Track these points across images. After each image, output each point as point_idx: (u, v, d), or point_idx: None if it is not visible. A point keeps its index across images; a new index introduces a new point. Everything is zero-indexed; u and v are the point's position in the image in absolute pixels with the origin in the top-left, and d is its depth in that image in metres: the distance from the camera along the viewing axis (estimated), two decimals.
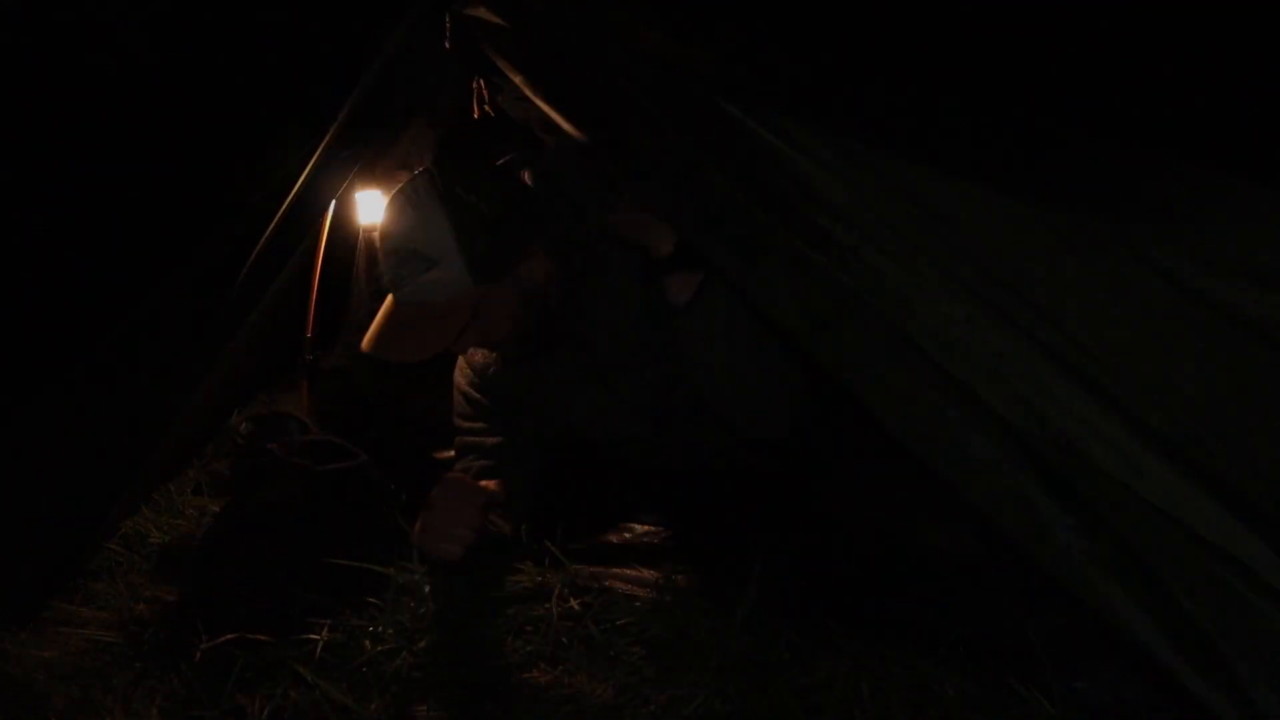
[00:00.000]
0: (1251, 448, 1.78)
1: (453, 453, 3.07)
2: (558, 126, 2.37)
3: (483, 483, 2.74)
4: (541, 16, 2.65)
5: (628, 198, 2.47)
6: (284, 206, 2.82)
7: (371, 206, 3.58)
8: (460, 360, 3.03)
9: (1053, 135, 2.22)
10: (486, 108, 3.58)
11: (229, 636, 2.44)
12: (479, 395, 3.00)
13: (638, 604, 2.47)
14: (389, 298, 2.56)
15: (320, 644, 2.45)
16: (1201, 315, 1.84)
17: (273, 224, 2.81)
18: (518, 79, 2.56)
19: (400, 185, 2.54)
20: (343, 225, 3.76)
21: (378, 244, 2.58)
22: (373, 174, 3.42)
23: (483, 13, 2.73)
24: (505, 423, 2.99)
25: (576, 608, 2.49)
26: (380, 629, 2.51)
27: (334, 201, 3.24)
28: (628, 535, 2.91)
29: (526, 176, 2.67)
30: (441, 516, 2.52)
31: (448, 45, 2.91)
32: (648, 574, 2.62)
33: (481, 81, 3.54)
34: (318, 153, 2.83)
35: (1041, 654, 2.03)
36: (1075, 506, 1.74)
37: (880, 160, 2.03)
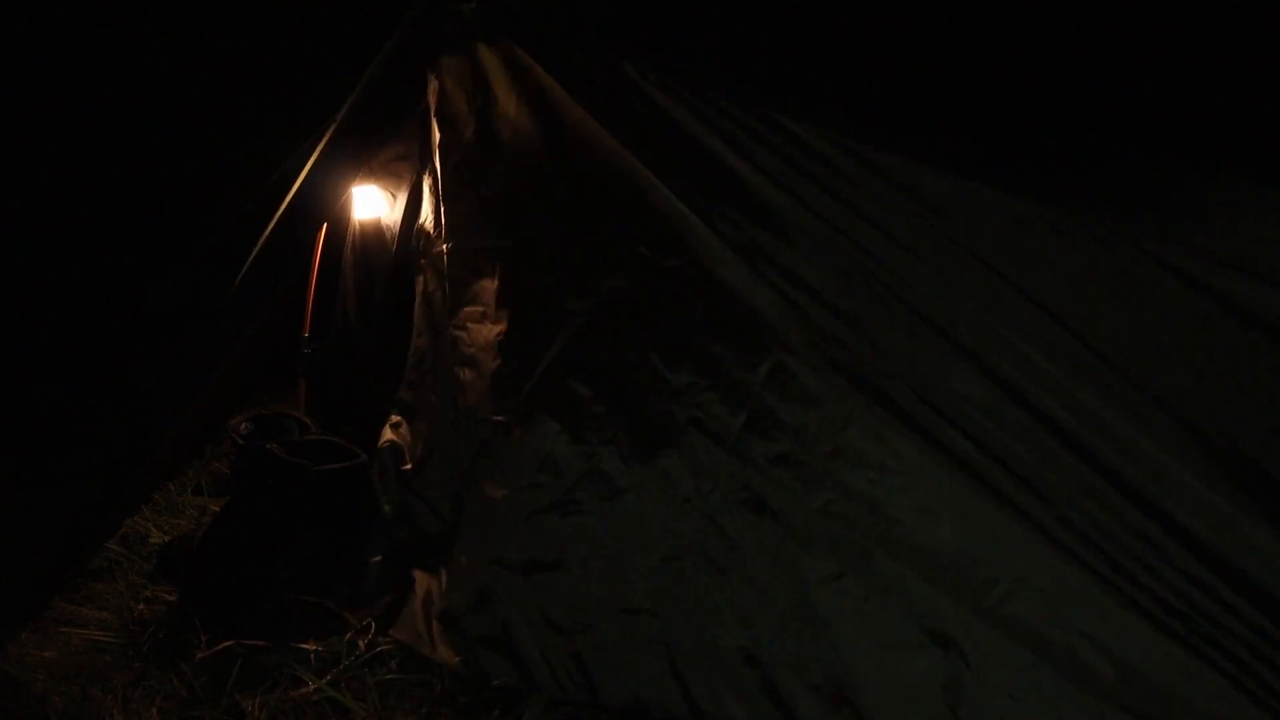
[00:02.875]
0: (1255, 440, 1.79)
1: None
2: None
3: None
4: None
5: None
6: (283, 207, 2.81)
7: (365, 202, 3.57)
8: None
9: (1064, 137, 2.22)
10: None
11: (228, 644, 2.44)
12: None
13: None
14: None
15: (316, 645, 2.46)
16: (1210, 310, 1.85)
17: (271, 225, 2.80)
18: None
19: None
20: (338, 222, 3.74)
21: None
22: (369, 169, 3.40)
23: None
24: None
25: None
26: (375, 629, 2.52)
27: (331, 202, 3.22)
28: None
29: None
30: None
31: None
32: None
33: None
34: (316, 153, 2.82)
35: None
36: None
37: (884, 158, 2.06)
